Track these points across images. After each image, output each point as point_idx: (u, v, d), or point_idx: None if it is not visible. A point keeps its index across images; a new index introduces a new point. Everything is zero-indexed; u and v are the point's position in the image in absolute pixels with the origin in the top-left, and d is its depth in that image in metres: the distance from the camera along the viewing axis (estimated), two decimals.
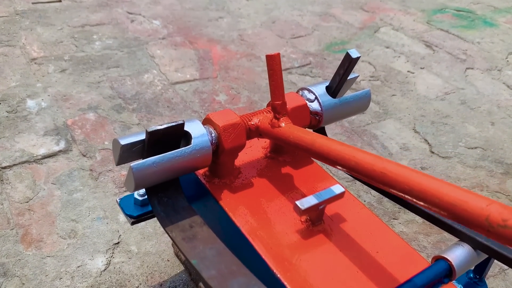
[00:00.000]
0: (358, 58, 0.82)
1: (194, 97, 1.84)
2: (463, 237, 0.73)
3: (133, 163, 0.68)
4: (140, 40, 2.22)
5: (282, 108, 0.80)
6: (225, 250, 0.69)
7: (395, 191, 0.54)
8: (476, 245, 0.72)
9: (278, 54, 0.76)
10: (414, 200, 0.51)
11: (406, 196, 0.52)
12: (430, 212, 0.78)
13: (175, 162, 0.73)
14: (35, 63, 1.93)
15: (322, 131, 0.99)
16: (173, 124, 0.69)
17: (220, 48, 2.25)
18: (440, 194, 0.47)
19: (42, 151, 1.46)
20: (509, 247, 0.41)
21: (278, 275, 0.69)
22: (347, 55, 0.82)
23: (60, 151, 1.47)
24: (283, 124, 0.79)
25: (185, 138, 0.76)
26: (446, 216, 0.47)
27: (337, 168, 0.66)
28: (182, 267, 1.15)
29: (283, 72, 2.08)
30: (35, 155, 1.44)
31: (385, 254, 0.75)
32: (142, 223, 1.23)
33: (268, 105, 0.92)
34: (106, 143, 1.53)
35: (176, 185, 0.79)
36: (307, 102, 0.89)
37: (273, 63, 0.76)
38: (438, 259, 0.75)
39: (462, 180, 1.57)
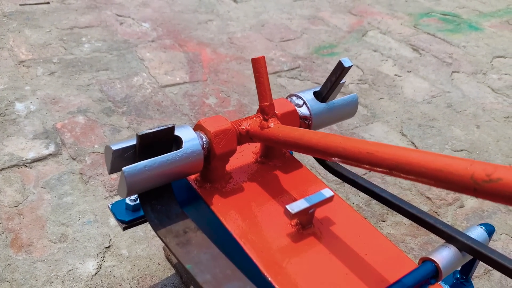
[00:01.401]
0: (350, 67, 0.84)
1: (184, 100, 1.85)
2: (447, 238, 0.75)
3: (125, 167, 0.69)
4: (129, 43, 2.22)
5: (270, 109, 0.82)
6: (219, 254, 0.70)
7: (383, 169, 0.55)
8: (461, 246, 0.74)
9: (263, 57, 0.78)
10: (402, 175, 0.52)
11: (395, 172, 0.53)
12: (416, 213, 0.80)
13: (167, 166, 0.74)
14: (23, 65, 1.92)
15: None
16: (163, 127, 0.71)
17: (210, 51, 2.26)
18: (425, 163, 0.49)
19: (31, 154, 1.45)
20: (498, 202, 0.43)
21: (269, 278, 0.71)
22: (340, 64, 0.84)
23: (49, 154, 1.47)
24: (272, 125, 0.81)
25: (177, 143, 0.77)
26: (434, 184, 0.48)
27: (329, 159, 0.68)
28: (173, 271, 1.16)
29: (272, 75, 2.10)
30: (24, 158, 1.43)
31: (374, 256, 0.77)
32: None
33: (258, 111, 0.93)
34: (96, 146, 1.53)
35: (169, 192, 0.80)
36: (296, 107, 0.90)
37: (259, 66, 0.78)
38: (425, 260, 0.77)
39: None
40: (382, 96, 2.08)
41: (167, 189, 0.80)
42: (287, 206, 0.74)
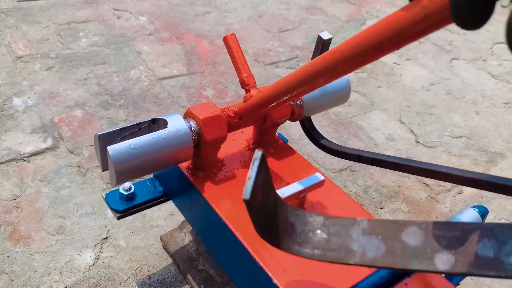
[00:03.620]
0: (330, 39, 0.85)
1: (181, 92, 1.85)
2: (463, 182, 0.73)
3: (110, 146, 0.69)
4: (126, 37, 2.21)
5: (250, 80, 0.84)
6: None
7: (351, 64, 0.57)
8: (469, 184, 0.71)
9: (233, 34, 0.84)
10: (369, 55, 0.54)
11: (349, 62, 0.55)
12: (427, 168, 0.76)
13: (154, 145, 0.73)
14: (21, 61, 1.92)
15: (309, 121, 0.99)
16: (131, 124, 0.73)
17: (207, 43, 2.25)
18: (381, 27, 0.51)
19: (29, 148, 1.46)
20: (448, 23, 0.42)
21: (260, 263, 0.71)
22: (319, 38, 0.85)
23: (47, 148, 1.47)
24: (253, 92, 0.82)
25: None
26: (393, 38, 0.49)
27: (296, 98, 0.71)
28: (170, 260, 1.16)
29: (270, 66, 2.09)
30: (22, 152, 1.44)
31: None
32: (130, 218, 1.24)
33: None
34: (93, 139, 1.53)
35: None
36: None
37: (231, 43, 0.83)
38: None
39: None
40: (381, 84, 2.07)
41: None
42: (278, 191, 0.74)
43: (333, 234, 0.61)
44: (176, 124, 0.76)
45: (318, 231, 0.61)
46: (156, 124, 0.77)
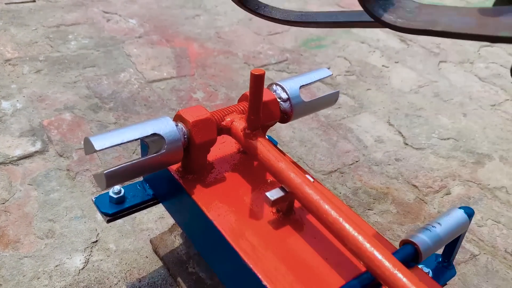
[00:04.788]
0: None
1: (171, 95, 1.85)
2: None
3: (106, 170, 0.70)
4: (116, 39, 2.21)
5: (257, 122, 0.82)
6: None
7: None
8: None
9: (264, 72, 0.74)
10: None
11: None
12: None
13: (147, 164, 0.75)
14: (9, 64, 1.91)
15: None
16: None
17: (197, 45, 2.25)
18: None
19: (18, 152, 1.45)
20: None
21: (250, 265, 0.71)
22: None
23: (36, 151, 1.46)
24: (254, 139, 0.82)
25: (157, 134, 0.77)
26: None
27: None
28: (160, 263, 1.16)
29: (260, 68, 2.10)
30: (10, 156, 1.43)
31: None
32: (120, 221, 1.24)
33: (239, 101, 0.94)
34: (82, 143, 1.52)
35: None
36: (279, 100, 0.91)
37: (257, 81, 0.75)
38: (406, 243, 0.78)
39: (435, 170, 1.62)
40: (370, 87, 2.09)
41: None
42: (267, 193, 0.75)
43: (424, 12, 0.55)
44: (173, 146, 0.76)
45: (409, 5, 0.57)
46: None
